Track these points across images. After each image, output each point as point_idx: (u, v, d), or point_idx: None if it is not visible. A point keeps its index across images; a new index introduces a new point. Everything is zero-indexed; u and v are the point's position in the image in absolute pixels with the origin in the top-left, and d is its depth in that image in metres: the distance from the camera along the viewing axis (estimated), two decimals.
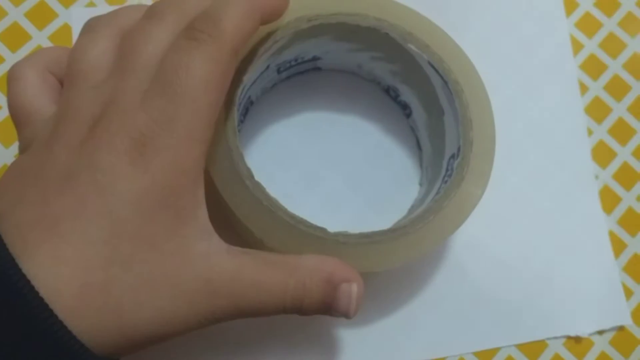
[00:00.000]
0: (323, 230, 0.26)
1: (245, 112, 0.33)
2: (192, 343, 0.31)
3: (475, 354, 0.33)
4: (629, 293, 0.34)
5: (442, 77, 0.29)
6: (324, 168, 0.33)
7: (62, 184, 0.22)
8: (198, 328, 0.24)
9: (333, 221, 0.28)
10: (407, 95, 0.33)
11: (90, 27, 0.26)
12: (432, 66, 0.29)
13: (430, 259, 0.33)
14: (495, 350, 0.33)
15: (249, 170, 0.27)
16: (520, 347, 0.33)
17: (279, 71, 0.32)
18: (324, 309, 0.25)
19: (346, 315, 0.26)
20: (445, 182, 0.29)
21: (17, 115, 0.25)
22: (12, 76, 0.26)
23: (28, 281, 0.21)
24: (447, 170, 0.30)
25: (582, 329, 0.33)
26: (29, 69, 0.26)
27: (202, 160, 0.24)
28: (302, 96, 0.34)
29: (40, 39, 0.35)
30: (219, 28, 0.23)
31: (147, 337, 0.23)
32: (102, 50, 0.25)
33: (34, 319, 0.20)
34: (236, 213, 0.26)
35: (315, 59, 0.33)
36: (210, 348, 0.31)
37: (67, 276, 0.21)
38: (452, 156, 0.29)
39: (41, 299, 0.20)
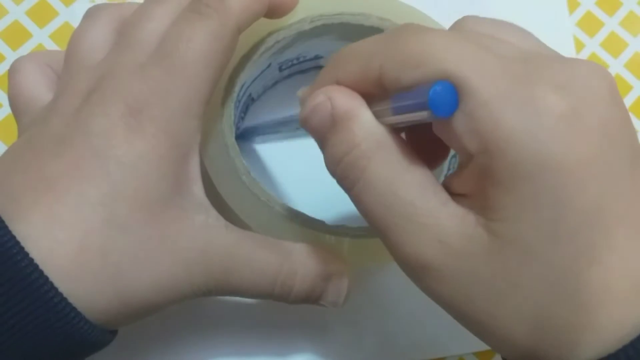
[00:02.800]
0: (322, 223, 0.26)
1: (246, 110, 0.33)
2: (186, 332, 0.31)
3: (475, 354, 0.33)
4: None
5: None
6: (324, 167, 0.33)
7: (56, 149, 0.22)
8: (192, 297, 0.24)
9: (333, 220, 0.28)
10: None
11: (91, 13, 0.26)
12: None
13: None
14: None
15: (245, 166, 0.27)
16: None
17: (280, 69, 0.32)
18: (313, 298, 0.26)
19: (335, 305, 0.26)
20: None
21: (17, 105, 0.26)
22: (13, 69, 0.26)
23: (18, 242, 0.20)
24: (448, 169, 0.30)
25: None
26: (29, 63, 0.26)
27: (196, 136, 0.24)
28: None
29: (41, 37, 0.35)
30: (225, 4, 0.23)
31: (144, 304, 0.22)
32: (101, 33, 0.25)
33: (24, 280, 0.20)
34: (233, 209, 0.26)
35: (317, 57, 0.33)
36: (207, 342, 0.31)
37: (62, 237, 0.21)
38: (454, 155, 0.29)
39: (31, 260, 0.20)
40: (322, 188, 0.33)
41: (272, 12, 0.26)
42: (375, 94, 0.21)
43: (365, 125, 0.21)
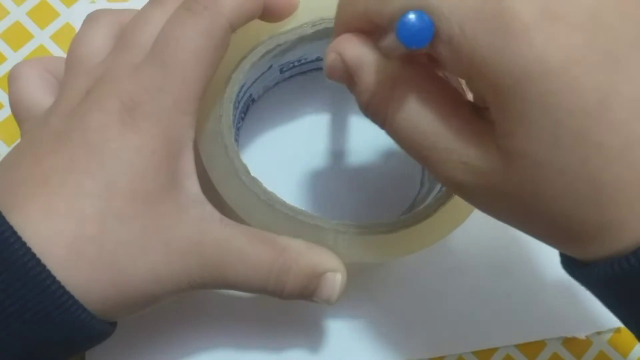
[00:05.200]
0: (322, 219, 0.27)
1: (246, 110, 0.33)
2: (183, 327, 0.31)
3: (474, 353, 0.33)
4: None
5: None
6: (325, 167, 0.34)
7: (54, 145, 0.23)
8: (188, 290, 0.24)
9: (332, 217, 0.28)
10: None
11: (92, 17, 0.27)
12: None
13: (429, 257, 0.33)
14: (494, 350, 0.33)
15: (244, 166, 0.27)
16: (519, 346, 0.33)
17: (281, 71, 0.32)
18: (306, 294, 0.26)
19: (328, 302, 0.26)
20: None
21: (18, 111, 0.26)
22: (13, 75, 0.27)
23: (15, 232, 0.20)
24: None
25: (580, 330, 0.33)
26: (29, 69, 0.27)
27: (190, 132, 0.24)
28: (305, 95, 0.34)
29: (42, 38, 0.35)
30: (217, 1, 0.24)
31: (140, 294, 0.23)
32: (101, 37, 0.26)
33: (22, 269, 0.20)
34: (234, 208, 0.27)
35: (318, 59, 0.33)
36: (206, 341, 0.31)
37: (59, 228, 0.21)
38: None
39: (29, 249, 0.20)
40: (321, 186, 0.33)
41: (269, 15, 0.26)
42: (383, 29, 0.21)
43: (377, 70, 0.21)
